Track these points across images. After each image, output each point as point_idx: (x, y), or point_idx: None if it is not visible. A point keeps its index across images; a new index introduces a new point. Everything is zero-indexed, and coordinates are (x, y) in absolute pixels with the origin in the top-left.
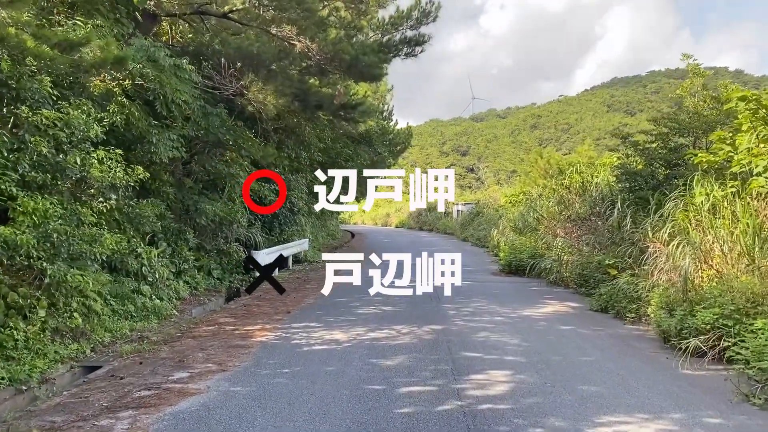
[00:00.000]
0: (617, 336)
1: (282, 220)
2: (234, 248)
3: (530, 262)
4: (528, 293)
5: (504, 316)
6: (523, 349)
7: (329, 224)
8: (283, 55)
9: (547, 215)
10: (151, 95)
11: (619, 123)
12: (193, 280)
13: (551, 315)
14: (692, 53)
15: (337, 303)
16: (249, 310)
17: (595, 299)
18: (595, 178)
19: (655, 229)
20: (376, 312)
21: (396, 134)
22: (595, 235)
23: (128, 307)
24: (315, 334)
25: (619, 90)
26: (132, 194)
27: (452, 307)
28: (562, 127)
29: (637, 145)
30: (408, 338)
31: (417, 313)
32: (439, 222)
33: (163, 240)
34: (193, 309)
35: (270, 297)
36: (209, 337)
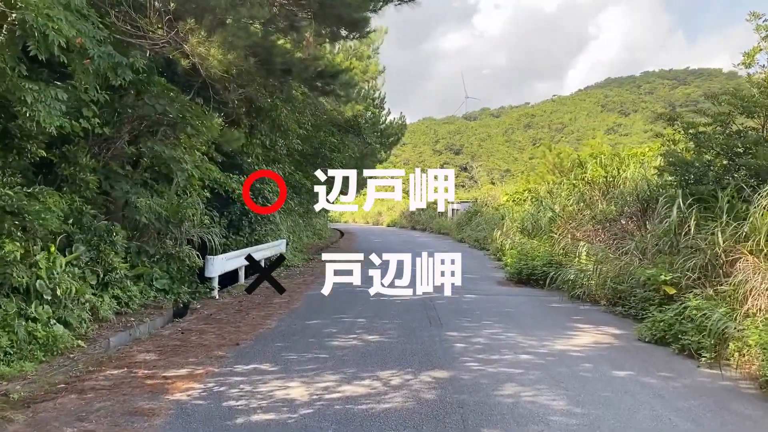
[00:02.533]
0: (701, 390)
1: (253, 218)
2: (186, 252)
3: (545, 270)
4: (550, 313)
5: (531, 352)
6: (577, 423)
7: (316, 222)
8: (238, 1)
9: (565, 215)
10: (18, 29)
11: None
12: (125, 294)
13: (593, 349)
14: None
15: (307, 329)
16: (185, 340)
17: (647, 327)
18: (622, 171)
19: (732, 236)
20: (356, 345)
21: (388, 125)
22: (635, 240)
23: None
24: (263, 386)
25: (613, 90)
26: (21, 180)
27: (458, 336)
28: (556, 127)
29: (690, 129)
30: (400, 398)
31: (412, 347)
32: (433, 221)
33: (81, 243)
34: (111, 337)
35: (222, 317)
36: (104, 393)
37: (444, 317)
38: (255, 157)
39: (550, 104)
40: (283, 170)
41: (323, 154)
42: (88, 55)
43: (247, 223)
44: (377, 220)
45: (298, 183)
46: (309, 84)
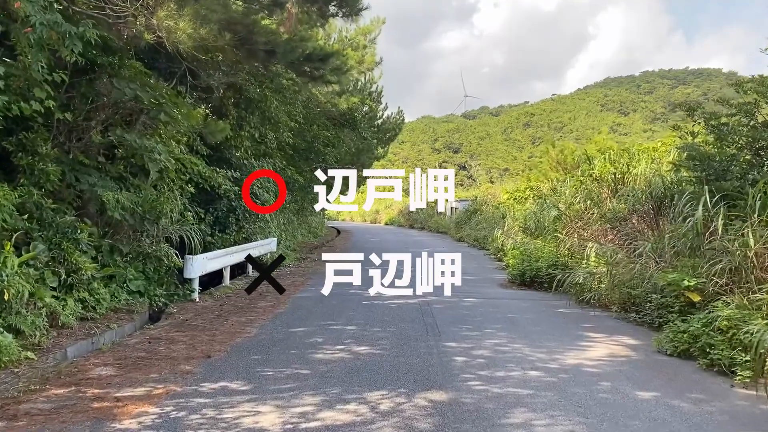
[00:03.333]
0: (741, 417)
1: (240, 215)
2: (164, 251)
3: (550, 272)
4: (558, 320)
5: (541, 367)
6: None
7: (311, 220)
8: None
9: (571, 214)
10: None
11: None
12: (92, 298)
13: (609, 364)
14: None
15: (290, 338)
16: (152, 351)
17: (668, 338)
18: (633, 168)
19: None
20: (343, 358)
21: (386, 120)
22: (650, 241)
23: None
24: (229, 412)
25: (612, 90)
26: None
27: (458, 348)
28: (555, 126)
29: (711, 120)
30: (389, 429)
31: (406, 360)
32: (431, 220)
33: (41, 240)
34: (69, 347)
35: (198, 323)
36: (39, 420)
37: (442, 324)
38: (244, 151)
39: (550, 103)
40: (275, 165)
41: (317, 149)
42: (30, 23)
43: (234, 220)
44: (375, 218)
45: (291, 179)
46: (296, 68)
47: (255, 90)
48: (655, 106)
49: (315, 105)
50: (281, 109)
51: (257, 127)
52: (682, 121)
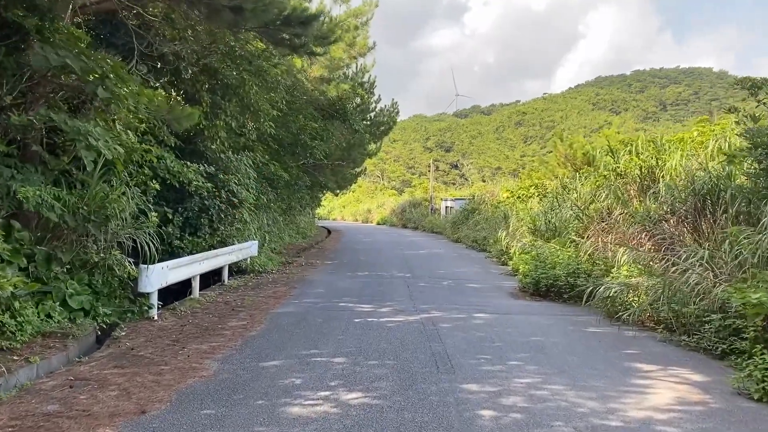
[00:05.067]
0: None
1: (214, 215)
2: (116, 259)
3: (571, 282)
4: (593, 343)
5: (599, 427)
6: None
7: (299, 220)
8: None
9: (593, 214)
10: None
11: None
12: (12, 321)
13: (686, 417)
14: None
15: (259, 378)
16: (67, 403)
17: (757, 378)
18: (664, 161)
19: None
20: (327, 413)
21: (378, 112)
22: (707, 248)
23: None
24: None
25: (604, 88)
26: None
27: (481, 394)
28: (547, 125)
29: None
30: None
31: (413, 417)
32: (425, 219)
33: None
34: None
35: (147, 354)
36: None
37: (454, 354)
38: (220, 143)
39: (541, 102)
40: (255, 159)
41: (303, 142)
42: None
43: (207, 221)
44: (367, 218)
45: (274, 175)
46: (272, 35)
47: (231, 73)
48: (646, 104)
49: (301, 92)
50: (262, 96)
51: (235, 116)
52: (743, 101)
